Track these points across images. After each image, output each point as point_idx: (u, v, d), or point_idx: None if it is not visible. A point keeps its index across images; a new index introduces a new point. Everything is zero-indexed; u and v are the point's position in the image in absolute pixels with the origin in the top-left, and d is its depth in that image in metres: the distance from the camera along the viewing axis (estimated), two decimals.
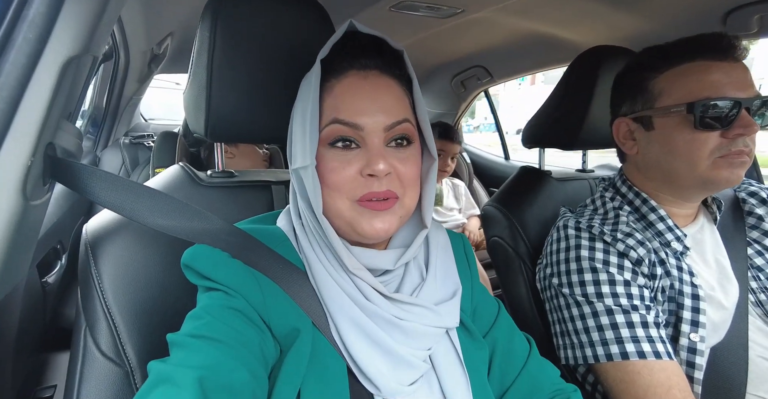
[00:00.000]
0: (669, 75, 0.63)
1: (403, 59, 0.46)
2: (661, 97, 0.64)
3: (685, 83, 0.61)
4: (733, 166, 0.59)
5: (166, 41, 1.50)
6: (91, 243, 0.53)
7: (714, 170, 0.60)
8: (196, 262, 0.42)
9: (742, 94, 0.58)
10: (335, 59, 0.44)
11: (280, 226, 0.49)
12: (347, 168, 0.42)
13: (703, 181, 0.62)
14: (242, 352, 0.37)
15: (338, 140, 0.43)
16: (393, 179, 0.43)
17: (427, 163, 0.49)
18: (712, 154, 0.60)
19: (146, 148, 1.91)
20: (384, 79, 0.44)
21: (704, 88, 0.59)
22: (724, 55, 0.60)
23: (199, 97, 0.58)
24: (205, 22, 0.57)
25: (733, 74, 0.59)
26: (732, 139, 0.58)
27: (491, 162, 2.39)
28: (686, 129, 0.61)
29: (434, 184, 0.48)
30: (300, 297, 0.43)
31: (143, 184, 0.49)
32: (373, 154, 0.42)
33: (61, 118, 0.45)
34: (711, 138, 0.59)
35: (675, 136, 0.62)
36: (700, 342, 0.59)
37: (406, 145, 0.45)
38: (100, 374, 0.48)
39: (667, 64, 0.63)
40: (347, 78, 0.44)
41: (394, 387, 0.41)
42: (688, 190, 0.66)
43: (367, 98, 0.43)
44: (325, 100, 0.44)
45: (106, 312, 0.50)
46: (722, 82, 0.59)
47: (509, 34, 1.45)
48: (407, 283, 0.47)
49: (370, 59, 0.44)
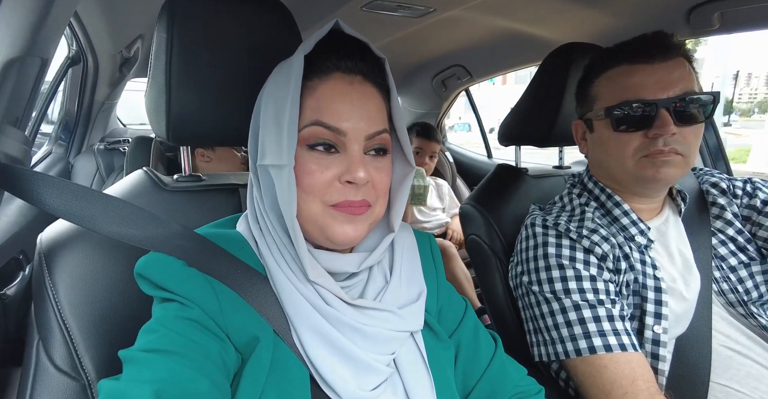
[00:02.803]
0: (601, 80, 0.67)
1: (385, 68, 0.46)
2: (596, 101, 0.67)
3: (610, 87, 0.65)
4: (656, 165, 0.61)
5: (135, 44, 1.47)
6: (46, 253, 0.51)
7: (640, 169, 0.63)
8: (149, 271, 0.41)
9: (663, 94, 0.60)
10: (318, 57, 0.43)
11: (239, 230, 0.48)
12: (325, 172, 0.41)
13: (635, 179, 0.65)
14: (201, 362, 0.36)
15: (319, 143, 0.42)
16: (369, 188, 0.43)
17: (403, 172, 0.48)
18: (635, 154, 0.63)
19: (122, 153, 1.86)
20: (367, 87, 0.44)
21: (624, 92, 0.62)
22: (649, 57, 0.61)
23: (158, 100, 0.57)
24: (162, 22, 0.56)
25: (654, 76, 0.61)
26: (652, 139, 0.60)
27: (474, 160, 2.41)
28: (612, 131, 0.64)
29: (407, 193, 0.48)
30: (260, 304, 0.42)
31: (99, 190, 0.48)
32: (354, 161, 0.41)
33: (4, 124, 0.43)
34: (633, 139, 0.62)
35: (606, 138, 0.66)
36: (663, 334, 0.60)
37: (382, 154, 0.45)
38: (54, 389, 0.46)
39: (601, 69, 0.67)
40: (332, 80, 0.42)
41: (356, 393, 0.40)
42: (631, 187, 0.68)
43: (351, 104, 0.42)
44: (305, 100, 0.42)
45: (61, 324, 0.48)
46: (642, 85, 0.61)
47: (485, 32, 1.46)
48: (371, 288, 0.46)
49: (356, 63, 0.43)
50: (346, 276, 0.45)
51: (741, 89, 22.30)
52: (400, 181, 0.48)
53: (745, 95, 24.18)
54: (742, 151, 8.28)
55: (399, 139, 0.47)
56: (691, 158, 0.63)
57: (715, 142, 1.36)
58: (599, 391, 0.56)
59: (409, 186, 0.49)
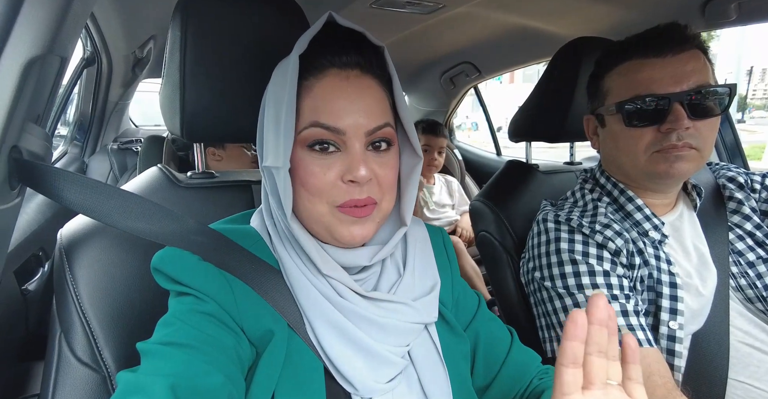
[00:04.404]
0: (612, 74, 0.66)
1: (384, 57, 0.44)
2: (608, 96, 0.66)
3: (621, 82, 0.64)
4: (669, 160, 0.60)
5: (148, 45, 1.49)
6: (66, 248, 0.52)
7: (652, 164, 0.62)
8: (165, 266, 0.41)
9: (676, 88, 0.59)
10: (313, 55, 0.42)
11: (253, 225, 0.48)
12: (327, 173, 0.41)
13: (647, 175, 0.64)
14: (216, 355, 0.36)
15: (317, 143, 0.41)
16: (373, 185, 0.42)
17: (412, 163, 0.47)
18: (648, 149, 0.62)
19: (134, 153, 1.89)
20: (365, 80, 0.43)
21: (635, 87, 0.61)
22: (661, 50, 0.60)
23: (173, 98, 0.58)
24: (176, 21, 0.57)
25: (666, 70, 0.60)
26: (666, 134, 0.59)
27: (483, 158, 2.39)
28: (624, 126, 0.63)
29: (416, 184, 0.47)
30: (274, 298, 0.42)
31: (117, 186, 0.49)
32: (355, 159, 0.41)
33: (26, 121, 0.44)
34: (646, 134, 0.61)
35: (617, 133, 0.65)
36: (679, 329, 0.59)
37: (385, 148, 0.43)
38: (76, 380, 0.47)
39: (612, 63, 0.66)
40: (327, 78, 0.42)
41: (372, 385, 0.40)
42: (643, 182, 0.67)
43: (348, 101, 0.41)
44: (303, 100, 0.42)
45: (82, 317, 0.49)
46: (654, 79, 0.60)
47: (494, 28, 1.45)
48: (384, 281, 0.46)
49: (351, 56, 0.42)
50: (358, 269, 0.46)
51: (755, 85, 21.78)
52: (409, 174, 0.47)
53: (759, 91, 23.58)
54: (757, 149, 8.10)
55: (405, 130, 0.46)
56: (706, 152, 0.62)
57: (731, 138, 1.33)
58: None
59: (418, 177, 0.47)
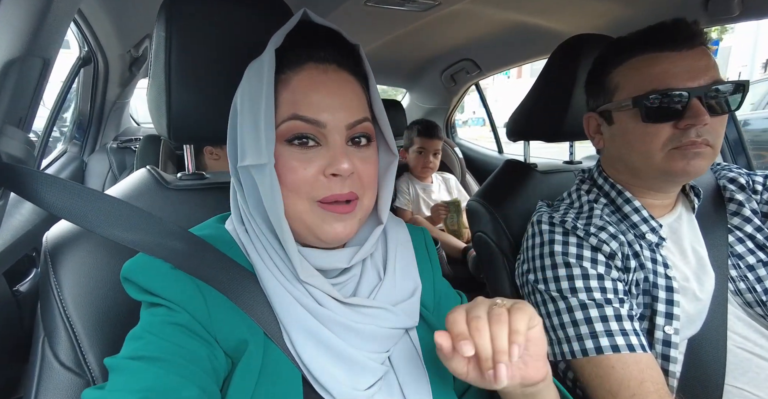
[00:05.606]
0: (622, 69, 0.63)
1: (360, 54, 0.44)
2: (617, 92, 0.64)
3: (634, 77, 0.61)
4: (687, 157, 0.58)
5: (143, 44, 1.49)
6: (51, 251, 0.52)
7: (669, 162, 0.59)
8: (135, 275, 0.40)
9: (693, 83, 0.57)
10: (290, 49, 0.42)
11: (228, 229, 0.47)
12: (308, 167, 0.40)
13: (661, 173, 0.62)
14: (189, 368, 0.35)
15: (296, 137, 0.40)
16: (355, 180, 0.42)
17: (387, 161, 0.47)
18: (665, 146, 0.59)
19: (133, 152, 1.90)
20: (343, 75, 0.43)
21: (651, 81, 0.59)
22: (674, 45, 0.58)
23: (159, 99, 0.57)
24: (161, 22, 0.56)
25: (682, 64, 0.58)
26: (684, 130, 0.57)
27: (485, 156, 2.37)
28: (638, 122, 0.61)
29: (392, 182, 0.47)
30: (250, 306, 0.41)
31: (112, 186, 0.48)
32: (337, 152, 0.40)
33: (5, 124, 0.44)
34: (663, 130, 0.59)
35: (630, 130, 0.63)
36: (674, 334, 0.58)
37: (365, 144, 0.43)
38: (59, 385, 0.47)
39: (621, 58, 0.63)
40: (305, 71, 0.41)
41: (350, 393, 0.39)
42: (652, 182, 0.65)
43: (328, 94, 0.41)
44: (280, 94, 0.41)
45: (66, 321, 0.49)
46: (670, 73, 0.58)
47: (494, 25, 1.43)
48: (364, 284, 0.45)
49: (328, 52, 0.42)
50: (337, 272, 0.45)
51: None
52: (385, 171, 0.47)
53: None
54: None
55: (380, 128, 0.46)
56: (718, 150, 0.60)
57: (735, 136, 1.31)
58: (606, 393, 0.55)
59: (394, 175, 0.47)
